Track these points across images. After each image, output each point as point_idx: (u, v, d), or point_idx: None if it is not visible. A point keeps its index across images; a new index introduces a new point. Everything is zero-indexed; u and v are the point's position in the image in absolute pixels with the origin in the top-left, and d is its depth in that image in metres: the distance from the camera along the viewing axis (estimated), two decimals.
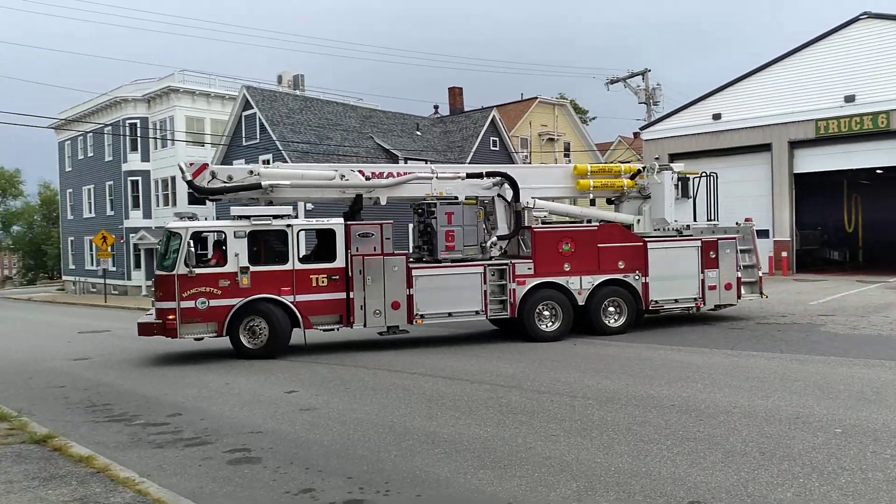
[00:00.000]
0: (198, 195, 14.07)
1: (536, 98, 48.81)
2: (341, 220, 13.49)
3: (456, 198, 14.25)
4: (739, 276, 15.14)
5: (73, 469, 6.25)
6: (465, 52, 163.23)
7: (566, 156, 49.02)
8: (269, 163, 33.27)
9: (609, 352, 12.30)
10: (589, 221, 15.28)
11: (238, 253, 12.84)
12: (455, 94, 45.62)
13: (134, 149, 42.31)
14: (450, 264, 13.76)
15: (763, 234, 28.99)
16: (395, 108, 48.07)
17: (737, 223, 16.06)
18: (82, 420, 8.62)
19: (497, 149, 40.25)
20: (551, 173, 16.07)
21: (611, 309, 14.39)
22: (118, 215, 42.40)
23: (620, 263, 14.39)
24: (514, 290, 13.81)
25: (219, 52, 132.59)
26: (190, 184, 13.71)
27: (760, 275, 15.62)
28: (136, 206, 41.86)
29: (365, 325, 13.35)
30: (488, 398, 8.84)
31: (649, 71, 40.20)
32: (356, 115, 38.53)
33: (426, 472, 6.07)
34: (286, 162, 31.56)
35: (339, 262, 13.24)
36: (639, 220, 15.29)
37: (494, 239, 14.36)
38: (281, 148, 32.67)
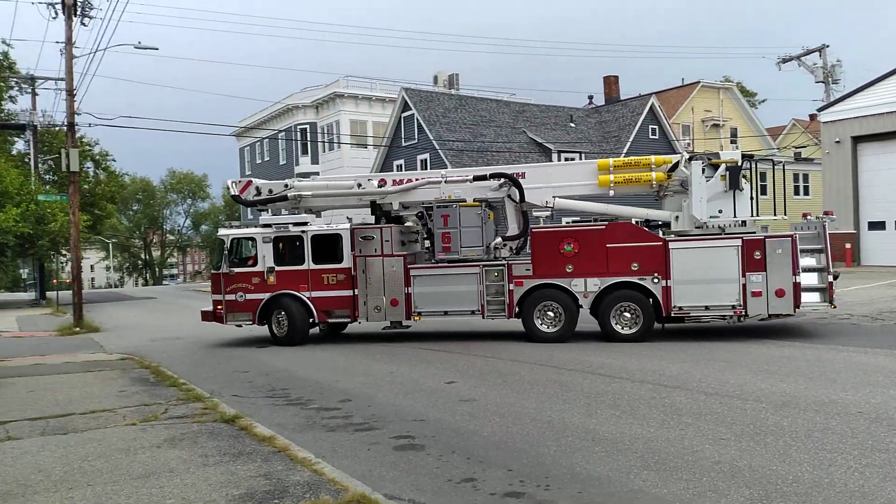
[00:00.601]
0: (244, 206, 16.41)
1: (699, 82, 46.33)
2: (347, 224, 15.05)
3: (463, 200, 14.54)
4: (797, 281, 12.55)
5: (257, 447, 6.84)
6: (621, 40, 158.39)
7: (733, 142, 46.17)
8: (426, 163, 34.41)
9: (785, 353, 11.45)
10: (595, 219, 14.36)
11: (265, 255, 15.15)
12: (610, 82, 44.43)
13: (304, 152, 45.36)
14: (446, 265, 14.30)
15: None
16: (549, 101, 47.67)
17: (817, 217, 13.66)
18: (264, 402, 9.40)
19: (656, 137, 38.73)
20: (575, 170, 15.29)
21: (626, 315, 13.33)
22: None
23: (634, 265, 13.21)
24: (511, 290, 13.87)
25: (379, 55, 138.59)
26: (235, 198, 16.54)
27: (831, 280, 12.87)
28: None
29: (367, 320, 14.76)
30: (650, 398, 8.56)
31: (827, 47, 36.90)
32: (509, 111, 38.70)
33: (587, 470, 6.00)
34: (444, 160, 32.43)
35: (346, 263, 14.80)
36: (677, 218, 13.70)
37: (499, 240, 14.51)
38: (437, 147, 33.54)
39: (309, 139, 44.81)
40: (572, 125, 39.58)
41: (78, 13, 22.08)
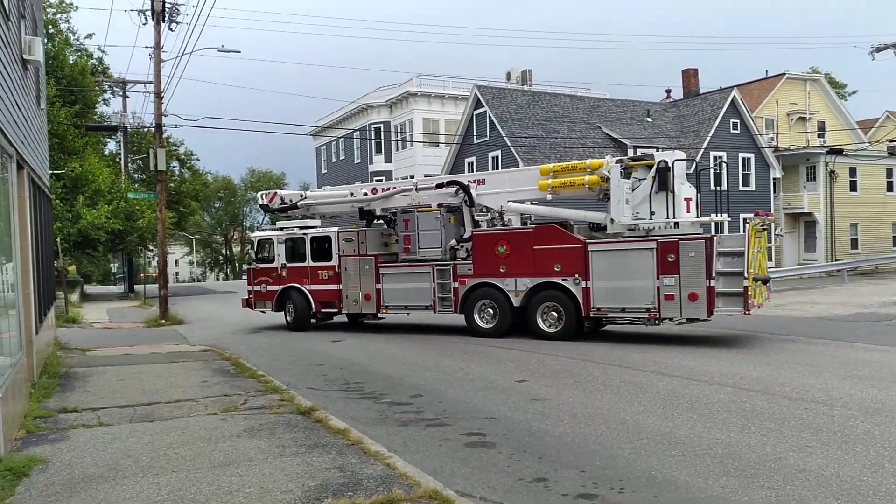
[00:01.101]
0: (271, 214, 19.77)
1: (784, 74, 44.32)
2: (336, 228, 17.34)
3: (429, 206, 15.87)
4: (711, 285, 12.08)
5: (332, 440, 6.98)
6: (702, 31, 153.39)
7: (820, 136, 44.01)
8: (497, 160, 34.30)
9: (874, 357, 10.85)
10: (526, 222, 15.39)
11: (280, 253, 18.05)
12: (689, 76, 43.03)
13: (378, 151, 46.00)
14: (407, 264, 15.93)
15: None
16: (625, 96, 46.65)
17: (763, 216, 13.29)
18: (338, 396, 9.58)
19: (738, 131, 37.30)
20: (522, 176, 15.87)
21: (553, 314, 13.91)
22: None
23: (557, 266, 13.73)
24: (456, 288, 15.11)
25: (453, 53, 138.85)
26: (264, 207, 19.77)
27: (746, 285, 11.99)
28: None
29: (348, 311, 17.25)
30: (730, 401, 8.27)
31: None
32: (583, 106, 38.06)
33: (662, 474, 5.85)
34: (515, 157, 32.26)
35: (334, 261, 17.08)
36: (612, 220, 13.46)
37: (454, 242, 15.54)
38: (509, 143, 33.34)
39: (383, 138, 45.40)
40: (649, 120, 38.62)
41: (166, 19, 23.08)
